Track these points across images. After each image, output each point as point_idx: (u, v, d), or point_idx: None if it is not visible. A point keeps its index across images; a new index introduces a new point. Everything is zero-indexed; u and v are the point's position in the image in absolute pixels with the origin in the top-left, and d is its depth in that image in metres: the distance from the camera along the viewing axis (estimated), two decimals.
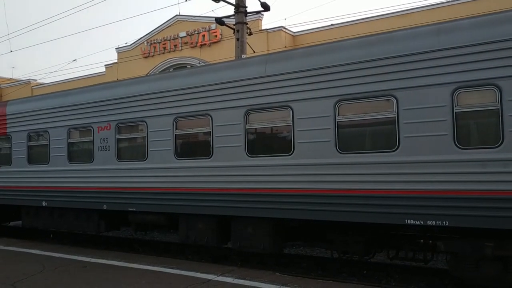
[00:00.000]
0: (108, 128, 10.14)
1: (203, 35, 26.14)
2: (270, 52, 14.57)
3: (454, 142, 6.25)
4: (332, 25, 23.11)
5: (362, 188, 6.93)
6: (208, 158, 8.55)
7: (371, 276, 8.36)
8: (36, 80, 35.51)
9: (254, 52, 14.37)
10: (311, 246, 10.40)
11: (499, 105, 5.99)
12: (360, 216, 6.99)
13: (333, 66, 7.30)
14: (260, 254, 9.33)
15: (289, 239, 8.91)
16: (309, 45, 9.49)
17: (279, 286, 6.89)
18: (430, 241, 7.36)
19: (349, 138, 7.24)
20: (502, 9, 6.77)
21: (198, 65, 22.63)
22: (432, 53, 6.44)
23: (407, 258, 7.66)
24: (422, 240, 7.50)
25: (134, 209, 9.64)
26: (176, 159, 8.99)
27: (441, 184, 6.31)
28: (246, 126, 8.16)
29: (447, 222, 6.29)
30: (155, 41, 28.15)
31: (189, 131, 8.98)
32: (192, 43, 26.57)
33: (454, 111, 6.28)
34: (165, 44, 27.69)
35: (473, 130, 6.35)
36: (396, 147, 6.68)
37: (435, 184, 6.35)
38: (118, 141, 10.00)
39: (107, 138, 10.12)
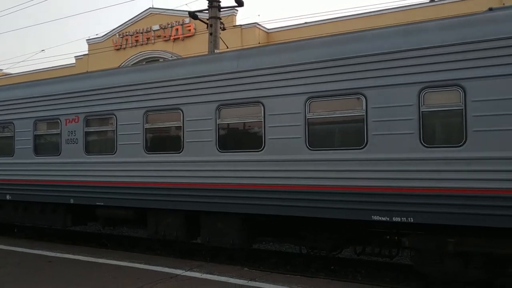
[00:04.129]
0: (77, 120, 9.92)
1: (177, 29, 25.90)
2: (243, 48, 14.55)
3: (420, 140, 6.41)
4: (306, 23, 23.28)
5: (331, 184, 7.02)
6: (179, 153, 8.49)
7: (338, 271, 8.49)
8: (2, 70, 34.39)
9: (227, 47, 14.34)
10: (281, 242, 10.48)
11: (463, 105, 6.17)
12: (328, 212, 7.07)
13: (304, 64, 7.35)
14: (230, 250, 9.35)
15: (259, 235, 8.96)
16: (282, 42, 9.54)
17: (247, 281, 6.92)
18: (396, 237, 7.53)
19: (319, 135, 7.31)
20: (469, 12, 6.96)
21: (170, 58, 22.39)
22: (400, 53, 6.58)
23: (373, 253, 7.83)
24: (388, 236, 7.67)
25: (102, 204, 9.48)
26: (146, 153, 8.89)
27: (407, 181, 6.46)
28: (217, 121, 8.13)
29: (412, 218, 6.45)
30: (127, 34, 27.72)
31: (160, 125, 8.89)
32: (165, 36, 26.29)
33: (421, 110, 6.43)
34: (137, 37, 27.30)
35: (438, 129, 6.53)
36: (364, 144, 6.80)
37: (401, 181, 6.50)
38: (87, 134, 9.80)
39: (75, 131, 9.90)
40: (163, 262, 8.25)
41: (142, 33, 27.17)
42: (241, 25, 23.83)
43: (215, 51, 13.17)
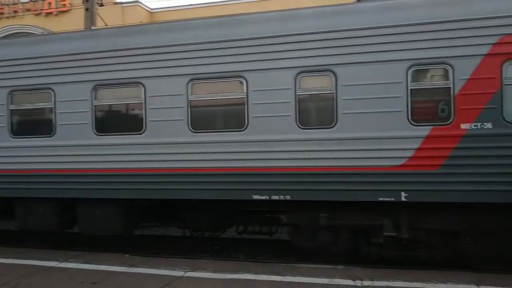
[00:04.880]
0: None
1: (49, 3, 23.70)
2: (123, 25, 13.85)
3: (296, 122, 6.74)
4: (191, 4, 23.00)
5: (213, 166, 7.08)
6: (50, 137, 7.85)
7: (222, 251, 8.66)
8: None
9: (106, 25, 13.52)
10: (165, 226, 10.34)
11: (335, 89, 6.62)
12: (211, 193, 7.15)
13: (185, 44, 7.26)
14: (112, 237, 8.95)
15: (141, 220, 8.75)
16: (164, 21, 9.29)
17: (128, 268, 6.72)
18: (275, 215, 7.87)
19: (202, 117, 7.30)
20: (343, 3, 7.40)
21: (40, 34, 20.46)
22: (278, 38, 6.81)
23: (254, 232, 8.11)
24: (268, 215, 7.99)
25: None
26: (12, 137, 8.06)
27: (285, 162, 6.77)
28: (93, 102, 7.67)
29: (289, 196, 6.80)
30: None
31: (28, 106, 8.11)
32: (36, 10, 23.89)
33: (297, 93, 6.75)
34: (2, 8, 24.39)
35: (313, 111, 6.94)
36: (245, 126, 6.95)
37: (279, 161, 6.79)
38: None
39: None
40: (35, 255, 7.61)
41: (7, 5, 24.32)
42: (122, 3, 22.66)
43: (92, 28, 12.33)
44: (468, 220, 6.47)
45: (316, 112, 6.92)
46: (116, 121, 7.83)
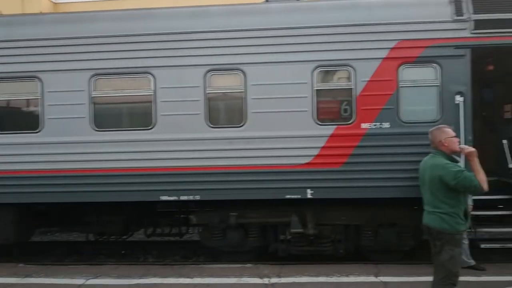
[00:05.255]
0: None
1: None
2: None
3: (206, 121, 6.63)
4: None
5: (118, 166, 6.74)
6: None
7: (129, 255, 8.30)
8: None
9: (1, 14, 12.38)
10: (67, 231, 9.68)
11: (244, 88, 6.61)
12: (116, 195, 6.80)
13: (88, 37, 6.84)
14: (4, 246, 8.17)
15: (39, 226, 8.12)
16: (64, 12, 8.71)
17: (21, 278, 6.16)
18: (185, 216, 7.70)
19: (106, 115, 6.94)
20: None
21: None
22: (186, 34, 6.67)
23: (164, 234, 7.88)
24: (178, 216, 7.80)
25: None
26: None
27: (194, 161, 6.63)
28: None
29: (198, 196, 6.68)
30: None
31: None
32: None
33: (206, 92, 6.65)
34: None
35: (222, 110, 6.90)
36: (152, 125, 6.70)
37: (188, 161, 6.64)
38: None
39: None
40: None
41: None
42: None
43: None
44: (368, 215, 6.83)
45: (225, 111, 6.89)
46: (9, 119, 7.18)
